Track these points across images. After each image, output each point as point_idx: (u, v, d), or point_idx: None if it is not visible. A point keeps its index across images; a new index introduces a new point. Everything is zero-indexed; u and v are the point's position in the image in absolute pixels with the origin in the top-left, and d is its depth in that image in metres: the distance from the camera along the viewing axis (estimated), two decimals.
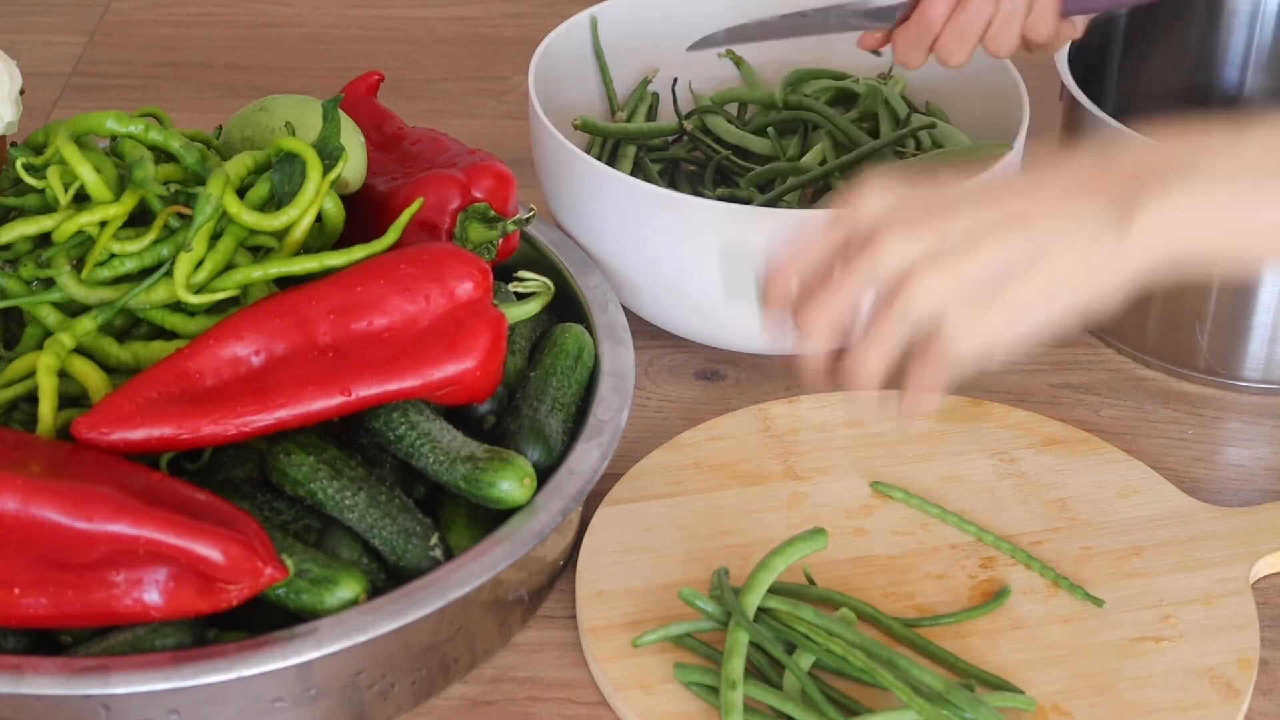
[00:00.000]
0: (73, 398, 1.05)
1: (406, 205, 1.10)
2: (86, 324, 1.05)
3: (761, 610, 1.03)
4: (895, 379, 0.93)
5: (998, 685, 1.01)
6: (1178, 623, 1.05)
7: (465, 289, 1.04)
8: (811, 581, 1.07)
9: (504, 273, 1.14)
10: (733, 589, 1.03)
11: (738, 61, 1.41)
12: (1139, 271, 0.89)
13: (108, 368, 1.06)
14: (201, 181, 1.10)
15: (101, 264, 1.06)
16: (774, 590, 1.05)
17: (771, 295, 0.94)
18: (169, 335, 1.07)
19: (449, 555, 1.01)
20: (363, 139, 1.14)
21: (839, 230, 0.91)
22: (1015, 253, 0.88)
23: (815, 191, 1.29)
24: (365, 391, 1.01)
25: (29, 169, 1.09)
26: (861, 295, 0.90)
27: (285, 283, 1.07)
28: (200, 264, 1.05)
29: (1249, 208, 0.88)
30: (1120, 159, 0.90)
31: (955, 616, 1.05)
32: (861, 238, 0.90)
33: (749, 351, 1.27)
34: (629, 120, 1.37)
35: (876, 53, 1.21)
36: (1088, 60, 1.28)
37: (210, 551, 0.93)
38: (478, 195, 1.13)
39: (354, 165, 1.12)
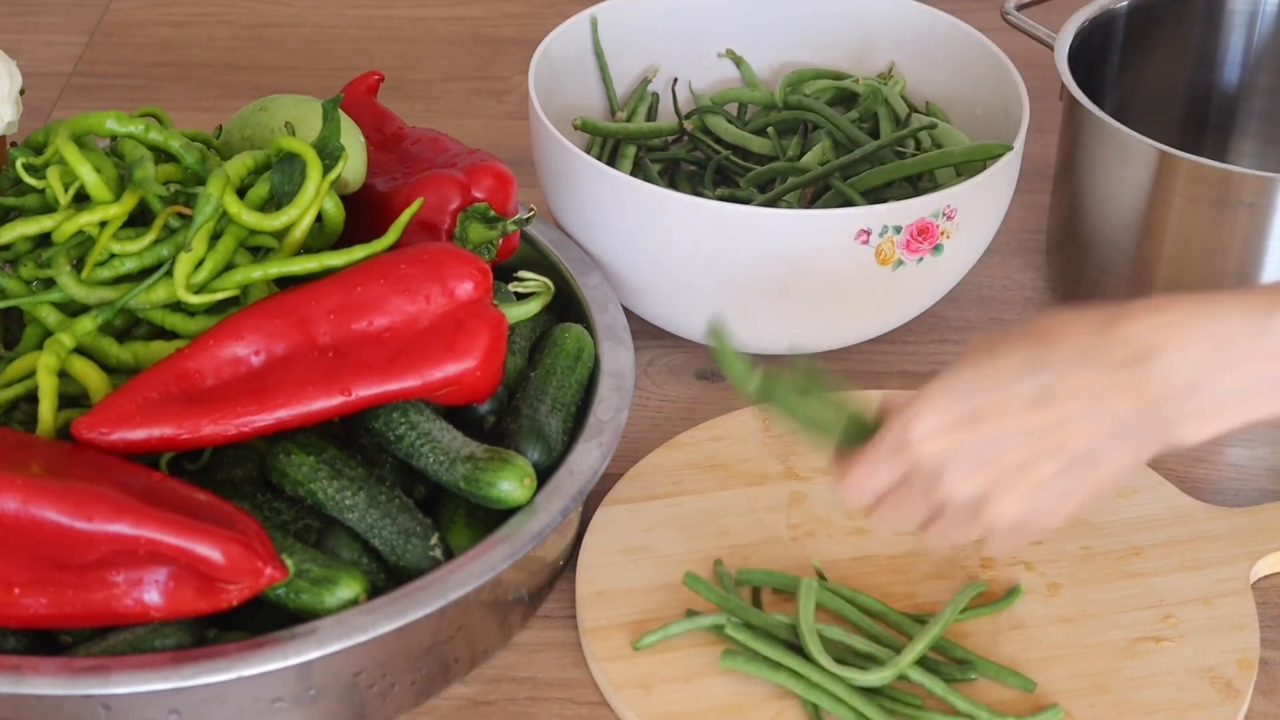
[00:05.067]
0: (73, 398, 1.05)
1: (406, 205, 1.10)
2: (86, 324, 1.05)
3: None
4: None
5: (998, 675, 1.01)
6: (1178, 623, 1.05)
7: (465, 289, 1.04)
8: (822, 576, 1.07)
9: (504, 273, 1.14)
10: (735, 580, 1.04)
11: (738, 61, 1.41)
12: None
13: (108, 368, 1.06)
14: (201, 181, 1.10)
15: (101, 264, 1.06)
16: (778, 590, 1.06)
17: (850, 502, 0.97)
18: (169, 335, 1.07)
19: (449, 555, 1.01)
20: (363, 139, 1.14)
21: (900, 461, 0.94)
22: (1072, 463, 0.91)
23: (815, 191, 1.29)
24: (365, 391, 1.01)
25: (29, 169, 1.09)
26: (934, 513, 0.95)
27: (285, 283, 1.07)
28: (200, 264, 1.05)
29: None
30: (1150, 367, 0.89)
31: (958, 616, 1.05)
32: (925, 474, 0.93)
33: (749, 352, 1.26)
34: (629, 120, 1.37)
35: None
36: (1088, 60, 1.28)
37: (210, 551, 0.93)
38: (478, 195, 1.13)
39: (354, 165, 1.12)
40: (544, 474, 1.05)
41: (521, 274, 1.12)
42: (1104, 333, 0.90)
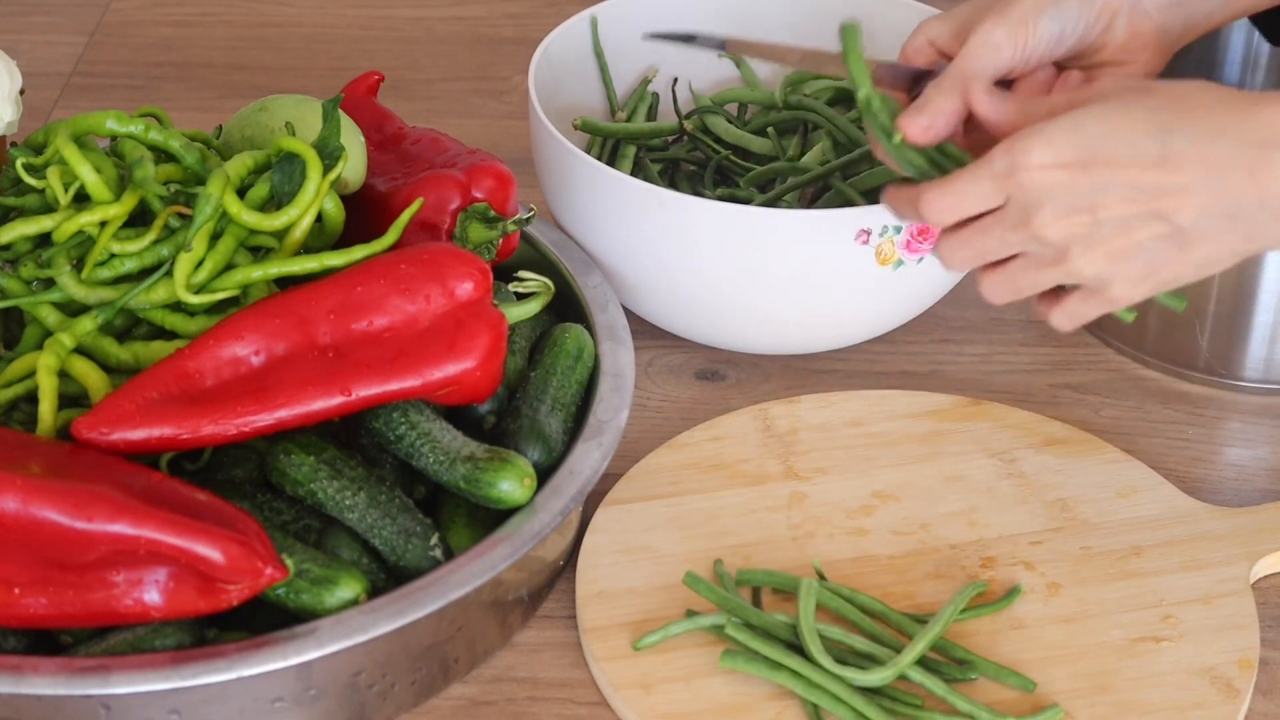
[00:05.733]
0: (73, 398, 1.05)
1: (406, 205, 1.10)
2: (86, 324, 1.05)
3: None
4: None
5: (998, 675, 1.01)
6: (1178, 623, 1.05)
7: (465, 289, 1.04)
8: (822, 576, 1.07)
9: (504, 273, 1.14)
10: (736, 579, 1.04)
11: (738, 61, 1.41)
12: None
13: (108, 368, 1.06)
14: (201, 181, 1.10)
15: (101, 264, 1.06)
16: (778, 590, 1.06)
17: (933, 220, 0.98)
18: (169, 335, 1.07)
19: (449, 555, 1.01)
20: (363, 139, 1.14)
21: (1001, 185, 0.94)
22: (1166, 239, 0.92)
23: (815, 191, 1.29)
24: (365, 391, 1.01)
25: (29, 169, 1.09)
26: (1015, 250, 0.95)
27: (285, 283, 1.07)
28: (200, 264, 1.05)
29: None
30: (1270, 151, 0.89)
31: (958, 615, 1.05)
32: (1020, 205, 0.93)
33: (749, 351, 1.27)
34: (629, 120, 1.37)
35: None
36: None
37: (210, 551, 0.93)
38: (478, 195, 1.13)
39: (354, 165, 1.12)
40: (544, 474, 1.05)
41: (521, 274, 1.12)
42: (1246, 111, 0.90)
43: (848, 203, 1.26)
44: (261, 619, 0.97)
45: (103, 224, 1.06)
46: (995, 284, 0.97)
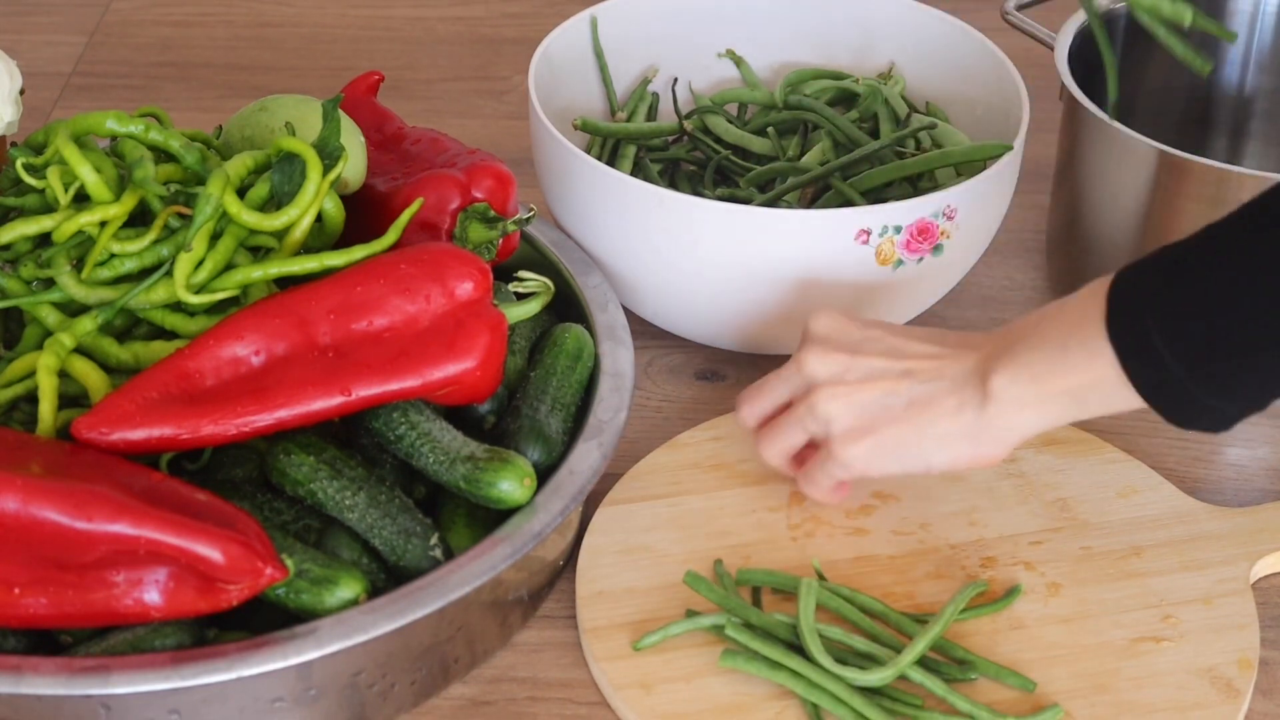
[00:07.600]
0: (73, 398, 1.05)
1: (406, 205, 1.10)
2: (86, 324, 1.05)
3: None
4: None
5: (998, 675, 1.01)
6: (1178, 623, 1.05)
7: (465, 289, 1.04)
8: (822, 576, 1.07)
9: (504, 273, 1.14)
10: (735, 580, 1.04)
11: (738, 61, 1.41)
12: (1016, 432, 1.02)
13: (108, 368, 1.06)
14: (201, 181, 1.10)
15: (101, 264, 1.06)
16: (778, 590, 1.06)
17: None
18: (169, 335, 1.07)
19: (449, 555, 1.01)
20: (363, 139, 1.14)
21: (791, 376, 1.09)
22: (897, 395, 1.04)
23: (815, 191, 1.29)
24: (365, 391, 1.01)
25: (29, 169, 1.09)
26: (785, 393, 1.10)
27: (285, 283, 1.07)
28: (200, 264, 1.05)
29: (1064, 365, 0.98)
30: (1007, 328, 1.03)
31: (958, 615, 1.05)
32: (799, 358, 1.08)
33: (749, 351, 1.27)
34: (629, 120, 1.37)
35: None
36: (1088, 60, 1.28)
37: (210, 551, 0.93)
38: (478, 195, 1.13)
39: (354, 165, 1.12)
40: (544, 474, 1.05)
41: (521, 274, 1.12)
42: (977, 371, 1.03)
43: (848, 203, 1.26)
44: (261, 619, 0.97)
45: (103, 224, 1.06)
46: (764, 440, 1.10)
